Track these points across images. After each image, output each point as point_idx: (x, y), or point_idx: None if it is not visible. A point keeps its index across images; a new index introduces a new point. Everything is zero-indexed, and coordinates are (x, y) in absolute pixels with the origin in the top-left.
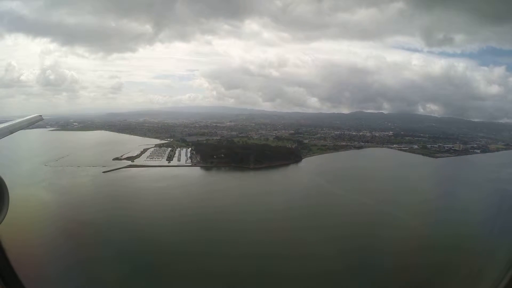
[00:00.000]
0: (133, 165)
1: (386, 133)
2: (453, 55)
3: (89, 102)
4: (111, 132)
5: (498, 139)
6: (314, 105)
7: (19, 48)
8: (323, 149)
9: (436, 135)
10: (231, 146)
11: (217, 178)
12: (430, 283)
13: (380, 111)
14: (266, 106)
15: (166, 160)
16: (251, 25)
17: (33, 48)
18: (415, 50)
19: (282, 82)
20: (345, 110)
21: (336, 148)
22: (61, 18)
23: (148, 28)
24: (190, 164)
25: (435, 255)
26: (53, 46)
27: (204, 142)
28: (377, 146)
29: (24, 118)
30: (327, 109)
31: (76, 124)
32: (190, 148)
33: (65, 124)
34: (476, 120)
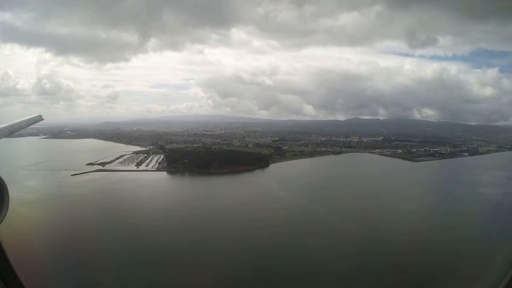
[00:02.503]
0: (102, 169)
1: (375, 138)
2: (445, 58)
3: (87, 111)
4: (100, 140)
5: (491, 141)
6: (310, 112)
7: (15, 58)
8: (298, 155)
9: (428, 139)
10: (203, 152)
11: (170, 182)
12: None
13: (376, 117)
14: (262, 115)
15: (135, 165)
16: (239, 33)
17: (29, 58)
18: (406, 55)
19: (276, 90)
20: (341, 117)
21: (312, 154)
22: (53, 28)
23: (137, 38)
24: (155, 169)
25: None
26: (48, 56)
27: (181, 149)
28: (358, 151)
29: (24, 118)
30: (323, 116)
31: (69, 132)
32: (163, 155)
33: (58, 133)
34: (472, 123)
